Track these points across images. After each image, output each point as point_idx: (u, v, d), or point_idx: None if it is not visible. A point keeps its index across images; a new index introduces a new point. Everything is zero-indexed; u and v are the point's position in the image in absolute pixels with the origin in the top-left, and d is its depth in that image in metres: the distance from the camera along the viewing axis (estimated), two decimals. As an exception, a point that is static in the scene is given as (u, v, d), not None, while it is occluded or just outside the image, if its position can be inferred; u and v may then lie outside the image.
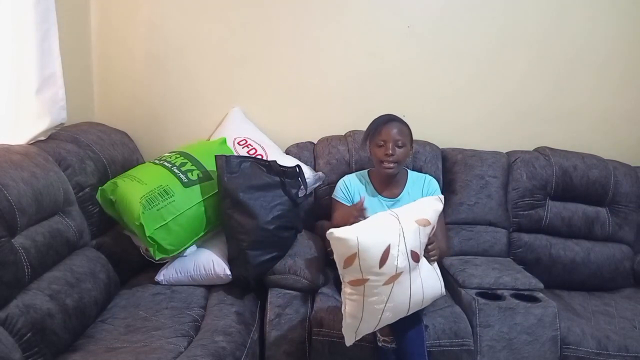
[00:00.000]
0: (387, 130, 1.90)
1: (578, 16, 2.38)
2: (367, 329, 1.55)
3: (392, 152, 1.88)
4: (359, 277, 1.44)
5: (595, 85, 2.46)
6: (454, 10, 2.37)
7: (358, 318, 1.50)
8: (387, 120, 1.93)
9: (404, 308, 1.52)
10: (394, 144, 1.88)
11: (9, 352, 1.27)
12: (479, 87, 2.44)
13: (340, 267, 1.47)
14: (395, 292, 1.47)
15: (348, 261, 1.42)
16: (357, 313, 1.49)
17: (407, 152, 1.93)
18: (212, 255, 1.91)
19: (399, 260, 1.44)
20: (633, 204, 2.32)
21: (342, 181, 2.04)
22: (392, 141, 1.88)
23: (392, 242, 1.43)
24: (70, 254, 1.67)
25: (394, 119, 1.94)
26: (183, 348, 1.51)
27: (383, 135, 1.90)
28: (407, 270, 1.47)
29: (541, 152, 2.38)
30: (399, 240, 1.45)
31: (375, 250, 1.42)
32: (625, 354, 1.81)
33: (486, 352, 1.78)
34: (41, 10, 1.72)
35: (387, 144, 1.88)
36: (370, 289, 1.45)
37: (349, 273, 1.46)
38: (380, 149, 1.91)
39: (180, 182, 1.88)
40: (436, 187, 2.04)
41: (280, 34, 2.37)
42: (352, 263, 1.42)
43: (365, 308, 1.48)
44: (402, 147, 1.90)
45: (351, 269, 1.44)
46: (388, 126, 1.90)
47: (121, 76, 2.40)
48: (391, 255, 1.43)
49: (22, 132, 1.74)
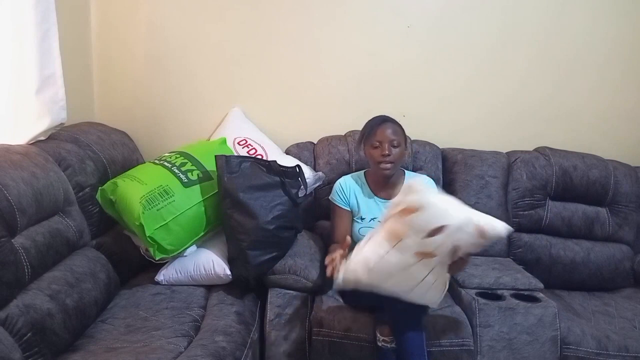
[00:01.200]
0: (381, 131, 1.90)
1: (578, 16, 2.38)
2: (360, 277, 1.46)
3: (389, 152, 1.88)
4: (402, 231, 1.41)
5: (595, 85, 2.46)
6: (453, 10, 2.37)
7: (368, 263, 1.44)
8: (381, 121, 1.93)
9: (402, 289, 1.48)
10: (389, 144, 1.88)
11: (9, 352, 1.27)
12: (479, 87, 2.44)
13: (394, 210, 1.43)
14: (413, 270, 1.44)
15: (406, 211, 1.39)
16: (371, 257, 1.44)
17: (402, 151, 1.93)
18: (212, 255, 1.91)
19: (441, 245, 1.41)
20: (633, 204, 2.32)
21: (338, 183, 2.04)
22: (387, 141, 1.88)
23: (450, 227, 1.39)
24: (70, 254, 1.67)
25: (388, 120, 1.94)
26: (183, 348, 1.51)
27: (378, 136, 1.90)
28: (438, 259, 1.44)
29: (541, 152, 2.38)
30: (455, 230, 1.41)
31: (435, 219, 1.38)
32: (625, 354, 1.81)
33: (486, 352, 1.78)
34: (41, 10, 1.72)
35: (383, 145, 1.89)
36: (400, 248, 1.42)
37: (396, 221, 1.42)
38: (376, 150, 1.91)
39: (180, 182, 1.88)
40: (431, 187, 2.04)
41: (280, 34, 2.37)
42: (408, 214, 1.39)
43: (380, 261, 1.43)
44: (398, 147, 1.90)
45: (403, 219, 1.40)
46: (382, 127, 1.91)
47: (121, 76, 2.40)
48: (441, 235, 1.39)
49: (22, 132, 1.74)
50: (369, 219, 1.97)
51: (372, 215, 1.97)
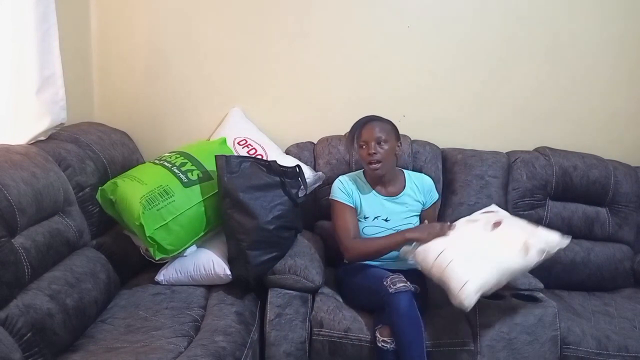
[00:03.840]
0: (367, 131, 1.91)
1: (579, 16, 2.38)
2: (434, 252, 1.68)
3: (375, 151, 1.88)
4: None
5: (595, 85, 2.45)
6: (453, 11, 2.36)
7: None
8: (365, 122, 1.94)
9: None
10: (375, 143, 1.88)
11: (9, 352, 1.27)
12: (479, 87, 2.44)
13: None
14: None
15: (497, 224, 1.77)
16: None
17: (392, 148, 1.92)
18: (212, 255, 1.91)
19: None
20: (633, 204, 2.32)
21: (337, 182, 2.02)
22: (373, 140, 1.88)
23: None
24: (70, 254, 1.67)
25: (374, 119, 1.94)
26: (183, 348, 1.51)
27: (364, 136, 1.91)
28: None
29: (541, 152, 2.38)
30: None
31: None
32: (625, 354, 1.81)
33: (486, 352, 1.78)
34: (41, 10, 1.72)
35: (369, 144, 1.89)
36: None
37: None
38: (363, 150, 1.92)
39: (180, 182, 1.88)
40: (431, 187, 2.06)
41: (280, 34, 2.37)
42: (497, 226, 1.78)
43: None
44: (385, 143, 1.90)
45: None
46: (367, 127, 1.91)
47: (121, 76, 2.40)
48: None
49: (22, 132, 1.74)
50: (373, 217, 1.97)
51: (375, 213, 1.97)
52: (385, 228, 1.96)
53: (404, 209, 1.99)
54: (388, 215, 1.97)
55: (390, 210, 1.97)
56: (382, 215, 1.97)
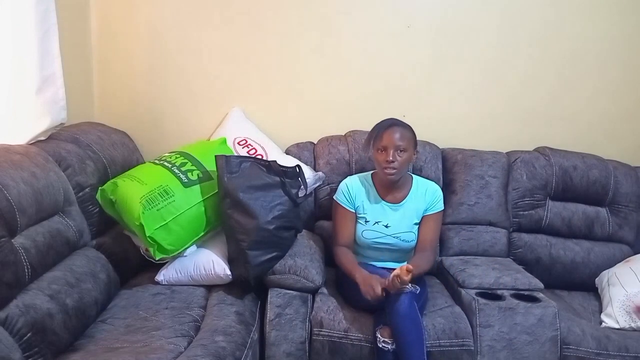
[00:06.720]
0: (388, 136, 1.86)
1: (579, 16, 2.38)
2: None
3: (393, 159, 1.84)
4: None
5: (596, 85, 2.45)
6: (453, 11, 2.37)
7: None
8: (388, 125, 1.89)
9: None
10: (394, 150, 1.84)
11: (9, 352, 1.27)
12: (479, 87, 2.44)
13: None
14: None
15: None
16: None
17: (409, 157, 1.89)
18: (212, 255, 1.90)
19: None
20: (633, 204, 2.32)
21: (344, 183, 2.01)
22: (393, 147, 1.84)
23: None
24: (70, 254, 1.67)
25: (396, 124, 1.89)
26: (183, 348, 1.51)
27: (384, 140, 1.86)
28: None
29: (541, 152, 2.38)
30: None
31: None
32: (625, 354, 1.81)
33: (486, 352, 1.78)
34: (41, 10, 1.72)
35: (388, 150, 1.85)
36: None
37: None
38: (381, 154, 1.87)
39: (180, 182, 1.88)
40: (438, 197, 2.00)
41: (280, 34, 2.37)
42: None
43: None
44: (404, 152, 1.86)
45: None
46: (389, 131, 1.86)
47: (121, 76, 2.40)
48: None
49: (22, 132, 1.73)
50: (373, 222, 1.96)
51: (376, 218, 1.96)
52: (385, 234, 1.95)
53: (404, 216, 1.97)
54: (389, 221, 1.96)
55: (392, 217, 1.96)
56: (382, 221, 1.96)
